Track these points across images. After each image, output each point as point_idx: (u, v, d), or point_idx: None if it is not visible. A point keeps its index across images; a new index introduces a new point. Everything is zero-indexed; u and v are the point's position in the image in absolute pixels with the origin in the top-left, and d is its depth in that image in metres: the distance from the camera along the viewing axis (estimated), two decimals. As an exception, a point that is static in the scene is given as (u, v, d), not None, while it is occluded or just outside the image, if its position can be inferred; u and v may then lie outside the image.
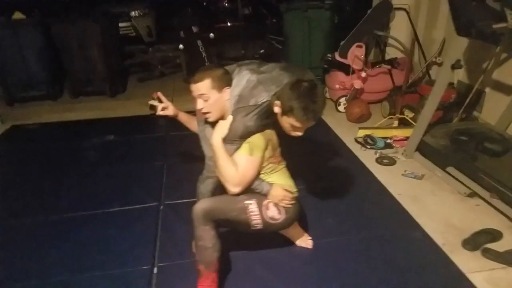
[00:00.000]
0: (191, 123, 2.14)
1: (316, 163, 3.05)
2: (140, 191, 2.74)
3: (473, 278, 1.91)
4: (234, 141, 1.79)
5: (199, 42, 5.38)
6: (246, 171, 1.78)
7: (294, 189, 1.92)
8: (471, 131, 2.95)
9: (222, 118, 1.88)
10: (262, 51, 6.07)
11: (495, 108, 3.24)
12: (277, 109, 1.73)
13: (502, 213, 2.36)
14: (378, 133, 3.35)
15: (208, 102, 1.82)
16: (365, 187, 2.74)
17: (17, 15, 4.37)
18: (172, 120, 2.17)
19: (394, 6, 4.26)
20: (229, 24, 8.49)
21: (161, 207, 2.57)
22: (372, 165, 3.02)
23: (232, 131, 1.77)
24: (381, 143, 3.24)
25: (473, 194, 2.56)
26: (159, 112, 2.11)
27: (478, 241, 2.14)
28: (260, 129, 1.82)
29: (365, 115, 3.80)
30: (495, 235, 2.18)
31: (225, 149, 1.78)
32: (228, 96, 1.83)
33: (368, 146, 3.23)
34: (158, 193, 2.71)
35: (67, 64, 4.61)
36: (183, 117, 2.17)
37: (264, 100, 1.76)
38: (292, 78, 1.80)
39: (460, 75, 3.64)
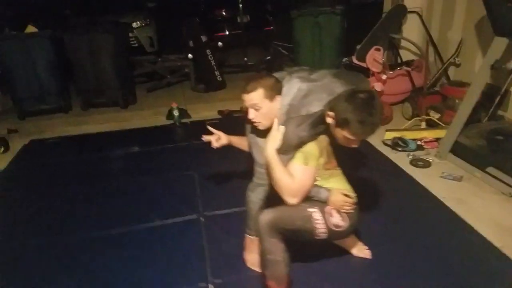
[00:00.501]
0: (243, 144, 2.12)
1: (351, 167, 2.98)
2: (177, 203, 2.66)
3: (544, 279, 1.87)
4: (288, 151, 1.72)
5: (208, 51, 5.35)
6: (303, 181, 1.71)
7: (353, 194, 1.86)
8: (505, 130, 2.94)
9: (271, 125, 1.82)
10: (268, 58, 6.03)
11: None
12: (330, 120, 1.67)
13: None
14: (407, 135, 3.32)
15: (259, 111, 1.77)
16: (407, 190, 2.69)
17: (30, 29, 4.29)
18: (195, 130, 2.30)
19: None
20: (227, 32, 8.47)
21: (202, 219, 2.48)
22: (407, 168, 2.98)
23: (286, 142, 1.70)
24: (412, 145, 3.20)
25: (517, 194, 2.53)
26: (215, 145, 2.10)
27: (537, 241, 2.10)
28: (313, 138, 1.76)
29: (388, 117, 3.78)
30: (551, 235, 2.14)
31: (279, 160, 1.71)
32: (279, 105, 1.78)
33: (400, 149, 3.19)
34: (195, 205, 2.63)
35: (79, 76, 4.52)
36: (236, 141, 2.15)
37: (316, 109, 1.70)
38: (345, 86, 1.74)
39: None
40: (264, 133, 1.89)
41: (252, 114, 1.78)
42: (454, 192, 2.65)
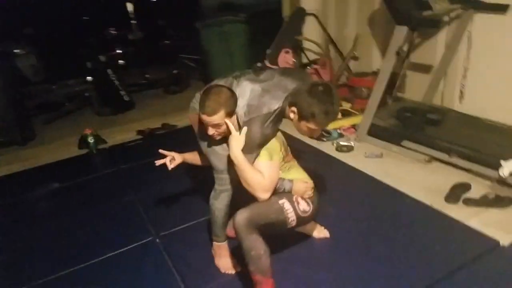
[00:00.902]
0: (197, 158, 2.18)
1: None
2: (125, 231, 2.53)
3: (470, 223, 2.22)
4: (253, 150, 1.79)
5: (109, 71, 5.13)
6: (272, 175, 1.80)
7: (311, 180, 2.00)
8: (410, 108, 3.37)
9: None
10: (175, 71, 6.00)
11: (416, 88, 3.76)
12: (292, 115, 1.79)
13: (461, 168, 2.75)
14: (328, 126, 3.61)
15: (221, 128, 1.81)
16: (341, 173, 2.95)
17: None
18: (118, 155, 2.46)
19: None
20: (118, 51, 8.19)
21: (158, 240, 2.40)
22: (335, 154, 3.24)
23: (251, 141, 1.77)
24: (335, 134, 3.50)
25: (431, 159, 2.93)
26: (171, 167, 2.09)
27: (457, 194, 2.47)
28: (274, 134, 1.87)
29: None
30: (466, 187, 2.54)
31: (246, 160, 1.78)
32: (235, 117, 1.84)
33: (324, 139, 3.45)
34: (146, 228, 2.53)
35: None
36: (189, 157, 2.19)
37: (277, 107, 1.80)
38: (295, 82, 1.89)
39: (379, 63, 4.11)
40: (219, 141, 1.94)
41: (211, 131, 1.81)
42: (379, 167, 2.96)
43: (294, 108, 1.76)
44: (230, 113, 1.78)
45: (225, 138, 1.89)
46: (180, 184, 2.99)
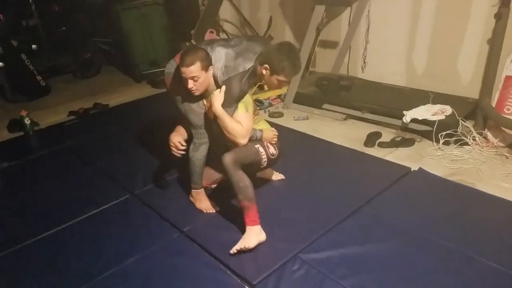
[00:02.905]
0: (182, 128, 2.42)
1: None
2: (99, 195, 2.67)
3: (387, 158, 2.90)
4: (233, 104, 2.16)
5: (23, 56, 4.91)
6: (248, 124, 2.20)
7: (275, 130, 2.45)
8: (326, 78, 4.02)
9: (207, 91, 2.23)
10: (88, 55, 5.89)
11: (325, 62, 4.44)
12: (264, 72, 2.17)
13: (372, 121, 3.46)
14: (259, 97, 4.10)
15: (198, 81, 2.11)
16: (279, 132, 3.39)
17: None
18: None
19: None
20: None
21: (136, 196, 2.62)
22: (269, 119, 3.73)
23: (230, 96, 2.12)
24: (266, 103, 4.01)
25: (347, 117, 3.60)
26: (181, 149, 2.33)
27: (373, 140, 3.15)
28: (248, 90, 2.27)
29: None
30: (378, 134, 3.24)
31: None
32: (211, 73, 2.18)
33: (258, 108, 3.92)
34: (119, 189, 2.71)
35: None
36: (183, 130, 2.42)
37: (250, 66, 2.17)
38: (261, 45, 2.27)
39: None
40: (196, 99, 2.27)
41: (191, 84, 2.10)
42: (308, 127, 3.54)
43: (266, 65, 2.13)
44: (205, 67, 2.09)
45: (200, 97, 2.24)
46: (135, 153, 3.21)
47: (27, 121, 3.77)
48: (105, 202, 2.58)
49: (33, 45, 5.25)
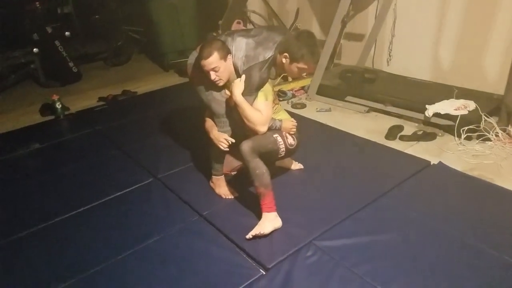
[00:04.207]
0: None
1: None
2: (123, 177, 2.78)
3: (408, 151, 2.90)
4: (253, 92, 2.22)
5: (57, 42, 5.12)
6: (268, 112, 2.26)
7: (294, 121, 2.49)
8: (350, 71, 4.02)
9: (228, 80, 2.29)
10: (119, 43, 6.06)
11: (350, 54, 4.43)
12: (284, 60, 2.22)
13: (394, 114, 3.46)
14: (283, 88, 4.14)
15: (219, 71, 2.18)
16: (302, 124, 3.39)
17: None
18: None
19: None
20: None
21: (159, 181, 2.72)
22: (292, 110, 3.78)
23: (250, 85, 2.18)
24: (289, 94, 4.05)
25: (370, 110, 3.61)
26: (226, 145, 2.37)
27: (394, 133, 3.15)
28: (268, 78, 2.32)
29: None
30: (400, 128, 3.23)
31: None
32: (231, 62, 2.24)
33: (281, 98, 3.98)
34: (143, 173, 2.82)
35: None
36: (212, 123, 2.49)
37: (270, 55, 2.22)
38: (280, 35, 2.31)
39: (318, 34, 4.71)
40: (218, 89, 2.34)
41: (213, 76, 2.17)
42: (330, 119, 3.57)
43: (286, 54, 2.17)
44: (223, 57, 2.15)
45: (222, 87, 2.31)
46: (160, 139, 3.33)
47: (58, 105, 3.96)
48: (130, 185, 2.69)
49: (66, 32, 5.45)
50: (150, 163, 2.95)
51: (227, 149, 2.36)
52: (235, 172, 2.63)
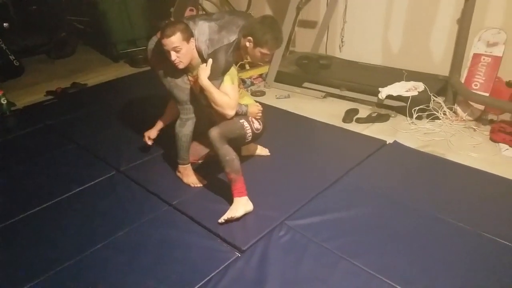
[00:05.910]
0: (167, 115, 2.66)
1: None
2: (83, 172, 2.70)
3: (365, 132, 3.04)
4: (219, 76, 2.22)
5: (-5, 35, 4.78)
6: (235, 95, 2.26)
7: (259, 105, 2.52)
8: (306, 57, 4.10)
9: (191, 65, 2.28)
10: (63, 34, 5.76)
11: (304, 41, 4.53)
12: (248, 44, 2.24)
13: (349, 98, 3.60)
14: (241, 76, 4.15)
15: (180, 52, 2.16)
16: (264, 111, 3.52)
17: None
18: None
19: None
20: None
21: (121, 173, 2.66)
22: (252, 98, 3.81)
23: (217, 69, 2.17)
24: (248, 82, 4.07)
25: (326, 95, 3.73)
26: (150, 143, 2.63)
27: (350, 116, 3.28)
28: (233, 62, 2.32)
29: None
30: (356, 111, 3.37)
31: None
32: (193, 46, 2.23)
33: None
34: (103, 166, 2.75)
35: None
36: (160, 125, 2.69)
37: (234, 38, 2.22)
38: (243, 19, 2.31)
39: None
40: (180, 74, 2.32)
41: (174, 56, 2.14)
42: (289, 104, 3.64)
43: (249, 38, 2.17)
44: (186, 38, 2.14)
45: (184, 71, 2.29)
46: (118, 131, 3.24)
47: (3, 101, 3.71)
48: (91, 179, 2.61)
49: (4, 24, 5.10)
50: (111, 156, 2.87)
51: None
52: (202, 161, 2.64)
